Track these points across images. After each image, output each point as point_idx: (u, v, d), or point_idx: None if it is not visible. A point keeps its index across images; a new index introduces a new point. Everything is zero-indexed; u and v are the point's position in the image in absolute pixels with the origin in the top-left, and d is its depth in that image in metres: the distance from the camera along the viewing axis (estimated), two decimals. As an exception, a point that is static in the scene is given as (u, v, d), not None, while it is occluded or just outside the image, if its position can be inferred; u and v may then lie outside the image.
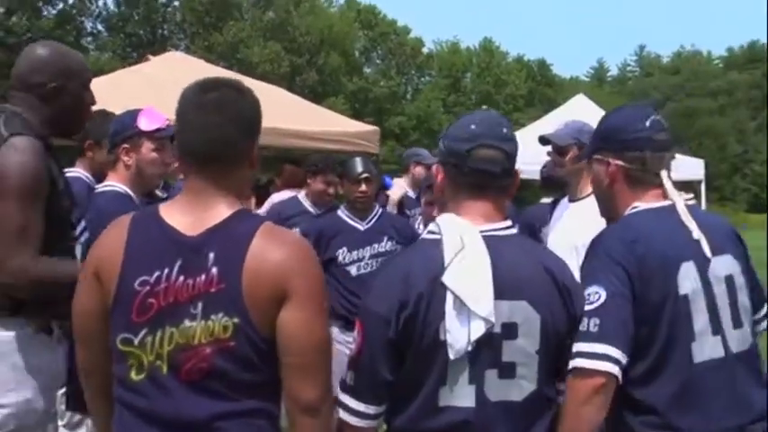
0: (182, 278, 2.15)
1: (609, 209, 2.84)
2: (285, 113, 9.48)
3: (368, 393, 2.35)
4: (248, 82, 9.65)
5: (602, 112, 11.63)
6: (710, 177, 19.43)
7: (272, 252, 2.16)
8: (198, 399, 2.15)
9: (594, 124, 2.97)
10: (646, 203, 2.71)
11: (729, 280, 2.69)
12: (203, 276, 2.13)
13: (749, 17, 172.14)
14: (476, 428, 2.30)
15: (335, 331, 4.99)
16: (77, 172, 4.58)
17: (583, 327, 2.43)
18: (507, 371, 2.31)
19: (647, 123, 2.71)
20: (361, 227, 5.04)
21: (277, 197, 7.18)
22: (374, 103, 59.01)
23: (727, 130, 72.41)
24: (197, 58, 13.33)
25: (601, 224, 2.87)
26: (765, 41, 69.68)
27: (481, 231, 2.37)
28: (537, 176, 6.48)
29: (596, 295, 2.47)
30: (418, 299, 2.27)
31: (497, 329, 2.29)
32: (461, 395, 2.29)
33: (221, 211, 2.21)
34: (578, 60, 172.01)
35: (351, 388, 2.37)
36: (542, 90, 72.50)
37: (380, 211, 5.22)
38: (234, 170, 2.26)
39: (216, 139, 2.21)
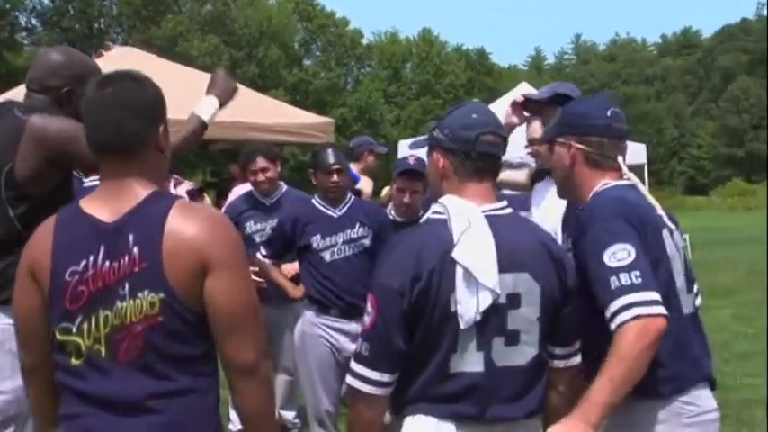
0: (107, 263, 2.23)
1: (569, 188, 3.05)
2: (241, 107, 9.48)
3: (383, 362, 2.47)
4: (203, 76, 9.64)
5: (544, 101, 11.33)
6: (649, 161, 19.88)
7: (187, 227, 2.24)
8: (134, 378, 2.22)
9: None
10: (614, 180, 2.95)
11: (683, 251, 2.99)
12: (126, 258, 2.22)
13: (682, 4, 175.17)
14: (484, 391, 2.49)
15: (311, 314, 5.13)
16: None
17: (625, 281, 2.57)
18: (512, 338, 2.51)
19: (608, 113, 2.94)
20: (334, 214, 5.15)
21: (240, 189, 7.23)
22: (315, 95, 59.04)
23: (663, 116, 73.77)
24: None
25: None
26: (697, 29, 70.69)
27: (483, 211, 2.57)
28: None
29: (624, 252, 2.61)
30: (430, 273, 2.43)
31: (503, 300, 2.48)
32: (471, 361, 2.47)
33: (136, 194, 2.29)
34: (516, 49, 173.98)
35: (365, 358, 2.51)
36: (482, 79, 73.11)
37: (352, 198, 5.34)
38: (142, 156, 2.33)
39: (118, 132, 2.29)
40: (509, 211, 2.66)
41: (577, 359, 2.70)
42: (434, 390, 2.48)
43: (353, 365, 2.53)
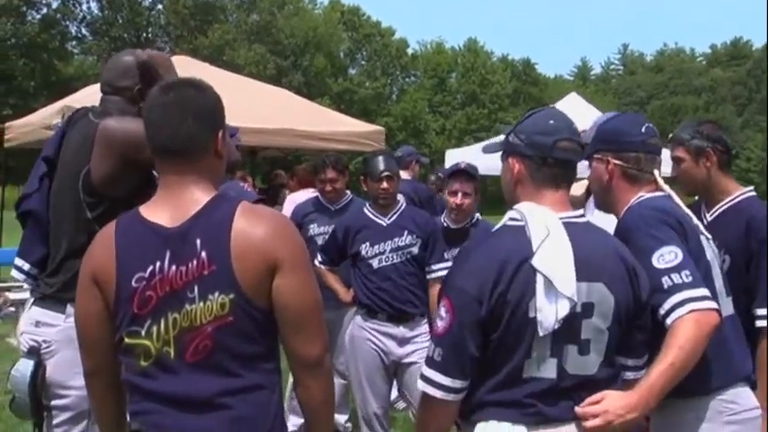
0: (174, 267, 2.27)
1: (608, 201, 3.12)
2: (291, 115, 9.67)
3: (456, 369, 2.45)
4: (261, 87, 9.81)
5: (594, 111, 11.65)
6: (698, 174, 19.64)
7: (253, 228, 2.28)
8: (203, 377, 2.26)
9: (587, 123, 3.28)
10: (649, 193, 3.01)
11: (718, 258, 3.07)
12: (194, 262, 2.26)
13: (732, 14, 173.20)
14: (556, 398, 2.46)
15: (359, 318, 5.24)
16: None
17: (677, 280, 2.65)
18: (585, 347, 2.48)
19: (643, 129, 3.02)
20: (383, 222, 5.22)
21: (297, 196, 7.41)
22: (360, 105, 59.16)
23: (711, 127, 72.70)
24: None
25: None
26: (747, 39, 69.81)
27: (560, 218, 2.55)
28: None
29: (672, 254, 2.71)
30: (510, 280, 2.41)
31: (578, 309, 2.45)
32: (545, 367, 2.44)
33: (198, 199, 2.33)
34: (562, 59, 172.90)
35: (438, 364, 2.47)
36: (527, 89, 72.84)
37: (403, 206, 5.40)
38: (201, 160, 2.36)
39: (179, 135, 2.32)
40: (585, 219, 2.63)
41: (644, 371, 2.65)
42: (506, 395, 2.46)
43: (425, 370, 2.51)
